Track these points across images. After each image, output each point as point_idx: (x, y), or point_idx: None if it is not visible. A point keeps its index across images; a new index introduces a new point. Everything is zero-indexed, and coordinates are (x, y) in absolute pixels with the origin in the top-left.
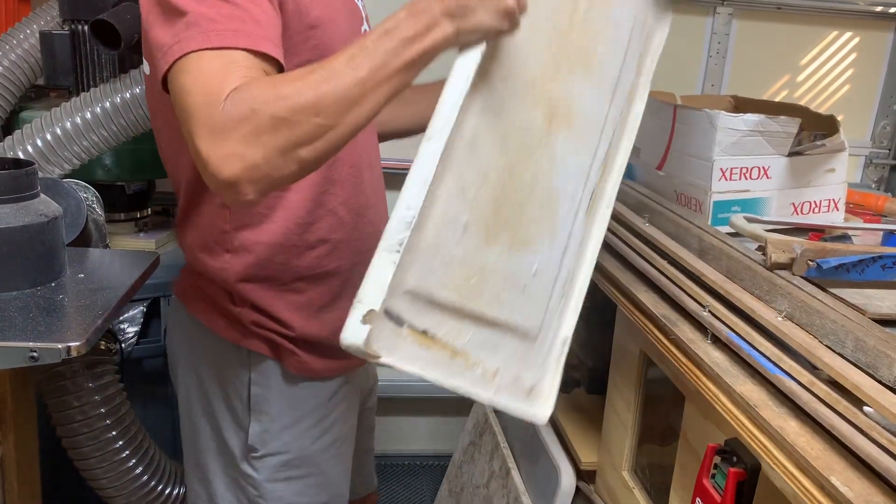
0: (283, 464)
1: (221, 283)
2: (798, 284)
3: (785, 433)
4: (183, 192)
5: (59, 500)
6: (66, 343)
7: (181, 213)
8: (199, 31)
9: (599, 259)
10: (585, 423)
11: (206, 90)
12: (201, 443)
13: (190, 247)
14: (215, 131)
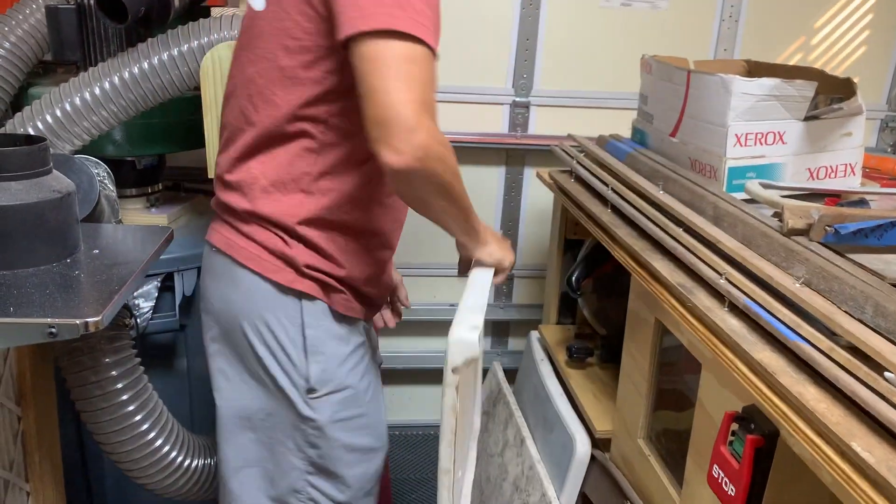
0: (340, 402)
1: (281, 222)
2: (815, 250)
3: (804, 399)
4: (265, 127)
5: (81, 474)
6: (83, 318)
7: (249, 149)
8: (410, 15)
9: (613, 228)
10: (599, 392)
11: (423, 95)
12: (256, 399)
13: (254, 182)
14: (424, 133)
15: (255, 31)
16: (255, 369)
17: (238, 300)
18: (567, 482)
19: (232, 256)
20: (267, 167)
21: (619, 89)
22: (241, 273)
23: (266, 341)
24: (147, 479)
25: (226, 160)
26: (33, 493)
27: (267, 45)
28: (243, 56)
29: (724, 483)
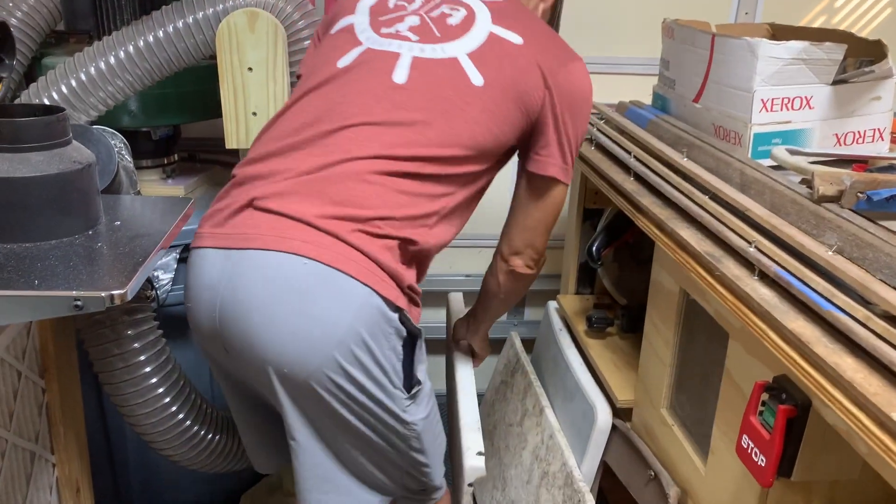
0: (426, 397)
1: (411, 251)
2: (847, 217)
3: (841, 369)
4: (443, 183)
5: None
6: (109, 291)
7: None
8: (571, 171)
9: (637, 196)
10: (620, 362)
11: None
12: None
13: (402, 217)
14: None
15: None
16: (342, 408)
17: (353, 313)
18: (588, 451)
19: (346, 272)
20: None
21: (638, 55)
22: (356, 288)
23: (364, 362)
24: (171, 451)
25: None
26: (59, 464)
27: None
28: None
29: (753, 453)
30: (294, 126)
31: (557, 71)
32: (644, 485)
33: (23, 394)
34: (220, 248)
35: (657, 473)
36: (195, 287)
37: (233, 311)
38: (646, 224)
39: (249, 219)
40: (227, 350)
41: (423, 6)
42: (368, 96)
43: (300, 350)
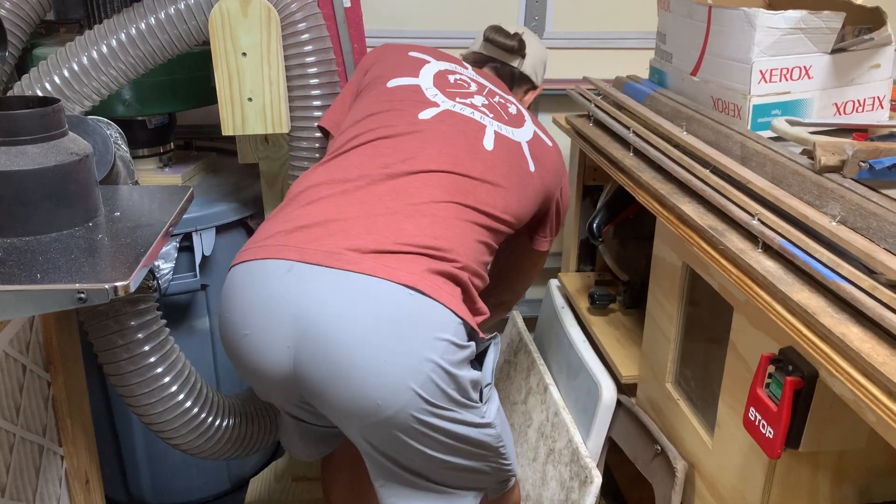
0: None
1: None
2: (850, 187)
3: (848, 340)
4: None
5: (111, 436)
6: (112, 283)
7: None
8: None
9: (637, 172)
10: (623, 338)
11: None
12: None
13: (475, 262)
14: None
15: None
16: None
17: (427, 334)
18: (594, 427)
19: (435, 298)
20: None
21: (634, 28)
22: (438, 309)
23: (446, 391)
24: (178, 440)
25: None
26: (67, 456)
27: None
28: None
29: (761, 425)
30: (380, 162)
31: (564, 175)
32: (651, 459)
33: (28, 387)
34: (301, 262)
35: (664, 448)
36: (260, 305)
37: (319, 341)
38: (646, 199)
39: (339, 233)
40: (302, 383)
41: (480, 91)
42: (463, 153)
43: (389, 388)
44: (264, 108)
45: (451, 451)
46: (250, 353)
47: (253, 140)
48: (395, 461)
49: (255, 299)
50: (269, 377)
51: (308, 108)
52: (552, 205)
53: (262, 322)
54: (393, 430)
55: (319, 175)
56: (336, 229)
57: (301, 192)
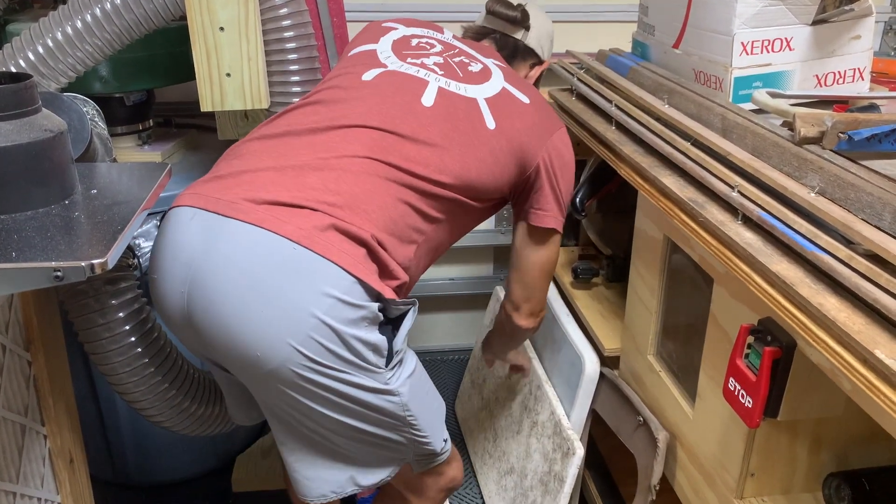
0: (407, 355)
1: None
2: (829, 158)
3: (825, 309)
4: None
5: (95, 415)
6: (89, 260)
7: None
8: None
9: (618, 145)
10: (606, 311)
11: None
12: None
13: (395, 226)
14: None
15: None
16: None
17: (329, 302)
18: (577, 400)
19: (343, 267)
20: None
21: (617, 1)
22: (344, 278)
23: (334, 350)
24: (162, 418)
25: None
26: (50, 435)
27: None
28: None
29: (740, 395)
30: (311, 119)
31: (553, 133)
32: (633, 431)
33: (9, 367)
34: (203, 210)
35: (646, 419)
36: (166, 250)
37: (205, 287)
38: (628, 173)
39: (245, 184)
40: (195, 328)
41: (444, 51)
42: (395, 109)
43: (268, 341)
44: (243, 83)
45: (349, 413)
46: (156, 296)
47: (233, 116)
48: (294, 419)
49: (163, 245)
50: (173, 322)
51: (287, 84)
52: (540, 170)
53: (165, 267)
54: (278, 384)
55: (255, 131)
56: (245, 180)
57: (234, 146)
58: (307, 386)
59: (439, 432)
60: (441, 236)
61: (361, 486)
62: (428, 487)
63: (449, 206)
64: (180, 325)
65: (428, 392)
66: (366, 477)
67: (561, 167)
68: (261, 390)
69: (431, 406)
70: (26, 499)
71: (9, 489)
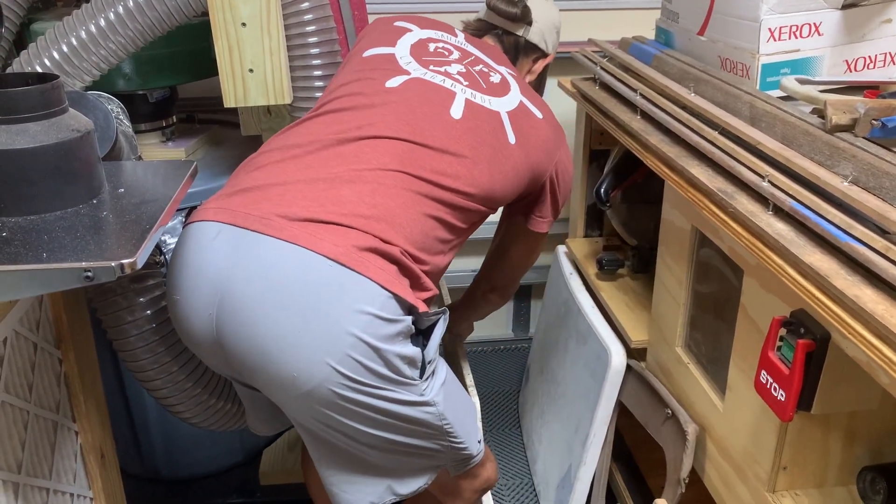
0: (439, 364)
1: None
2: (862, 146)
3: (861, 302)
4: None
5: (124, 411)
6: (118, 260)
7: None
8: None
9: (644, 135)
10: (632, 303)
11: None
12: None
13: (424, 242)
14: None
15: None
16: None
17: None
18: (604, 392)
19: (379, 283)
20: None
21: None
22: (378, 292)
23: (371, 367)
24: (190, 414)
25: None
26: (81, 431)
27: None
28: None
29: (772, 388)
30: (336, 128)
31: (560, 148)
32: (661, 423)
33: (40, 365)
34: (230, 225)
35: (674, 411)
36: (189, 268)
37: (236, 308)
38: (654, 163)
39: (275, 198)
40: (226, 351)
41: (462, 58)
42: (424, 121)
43: (305, 362)
44: (265, 78)
45: (386, 427)
46: (178, 317)
47: (255, 112)
48: (330, 435)
49: (185, 263)
50: (198, 343)
51: (309, 79)
52: (546, 183)
53: (189, 286)
54: (315, 404)
55: (274, 141)
56: (274, 194)
57: (253, 157)
58: (345, 405)
59: (474, 435)
60: (462, 243)
61: (399, 496)
62: (463, 490)
63: (473, 216)
64: (207, 347)
65: (460, 397)
66: (403, 486)
67: (564, 179)
68: (294, 409)
69: (465, 409)
70: (59, 494)
71: (42, 485)
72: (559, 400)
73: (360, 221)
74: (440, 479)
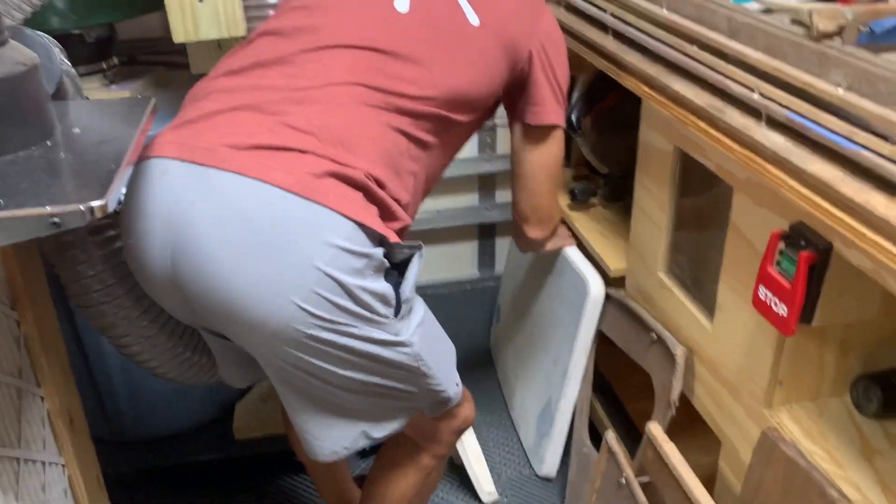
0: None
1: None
2: (852, 53)
3: (871, 207)
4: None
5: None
6: (87, 203)
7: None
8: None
9: (620, 55)
10: (607, 232)
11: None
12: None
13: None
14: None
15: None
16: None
17: (333, 251)
18: (583, 323)
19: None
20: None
21: None
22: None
23: (339, 304)
24: (164, 370)
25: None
26: (47, 396)
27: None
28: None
29: (773, 304)
30: (280, 45)
31: (541, 17)
32: (647, 348)
33: None
34: (176, 160)
35: (660, 336)
36: (139, 211)
37: (191, 250)
38: (633, 83)
39: (220, 126)
40: (186, 296)
41: None
42: (369, 22)
43: (269, 301)
44: (217, 9)
45: (359, 368)
46: (134, 264)
47: (206, 47)
48: (300, 379)
49: (136, 205)
50: (159, 291)
51: (263, 7)
52: (533, 61)
53: (141, 230)
54: (283, 345)
55: (221, 66)
56: (220, 122)
57: (200, 84)
58: (314, 344)
59: (452, 377)
60: (435, 163)
61: (374, 440)
62: (440, 431)
63: (441, 126)
64: (168, 294)
65: (439, 338)
66: (378, 430)
67: (554, 52)
68: (263, 353)
69: (443, 352)
70: (30, 463)
71: (11, 455)
72: (535, 334)
73: (314, 144)
74: (416, 421)
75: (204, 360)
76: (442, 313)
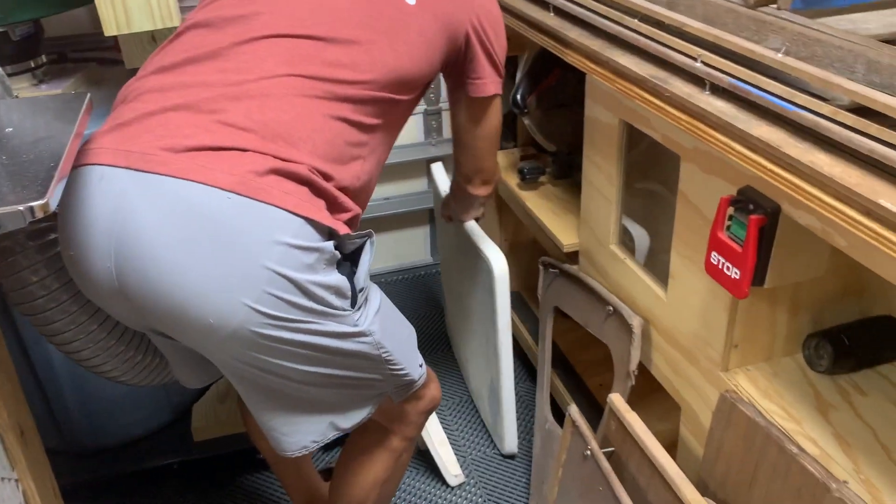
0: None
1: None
2: (787, 18)
3: (817, 166)
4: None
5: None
6: (27, 203)
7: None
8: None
9: (562, 31)
10: (558, 209)
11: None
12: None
13: (332, 152)
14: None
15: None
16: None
17: (280, 247)
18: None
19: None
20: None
21: None
22: (291, 219)
23: (295, 302)
24: (116, 373)
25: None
26: None
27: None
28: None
29: (725, 268)
30: (211, 38)
31: None
32: (603, 321)
33: None
34: (111, 167)
35: (616, 307)
36: (77, 222)
37: (134, 259)
38: (577, 58)
39: (155, 128)
40: (134, 306)
41: None
42: (302, 8)
43: (220, 305)
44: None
45: (321, 363)
46: (77, 275)
47: (139, 40)
48: (261, 378)
49: (73, 216)
50: (104, 300)
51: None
52: (470, 37)
53: (81, 241)
54: (239, 347)
55: (150, 64)
56: (155, 124)
57: (130, 84)
58: (272, 344)
59: (414, 360)
60: (381, 143)
61: (343, 430)
62: (408, 413)
63: (386, 108)
64: (114, 301)
65: (397, 323)
66: (346, 420)
67: (492, 25)
68: (219, 355)
69: (403, 336)
70: None
71: None
72: (470, 316)
73: (254, 141)
74: (384, 405)
75: (157, 361)
76: (398, 300)
